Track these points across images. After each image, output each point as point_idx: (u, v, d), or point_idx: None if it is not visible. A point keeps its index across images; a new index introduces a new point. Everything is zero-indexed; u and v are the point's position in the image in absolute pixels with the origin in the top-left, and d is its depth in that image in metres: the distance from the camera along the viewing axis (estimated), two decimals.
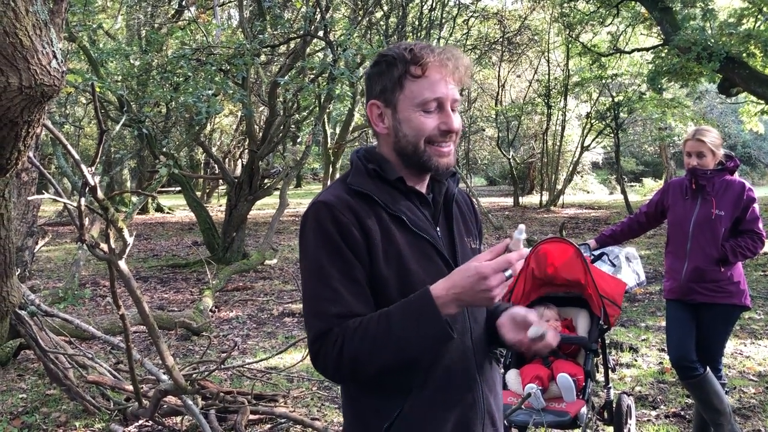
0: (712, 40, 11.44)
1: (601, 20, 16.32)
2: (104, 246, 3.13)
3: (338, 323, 1.46)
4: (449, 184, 1.70)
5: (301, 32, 10.40)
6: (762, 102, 14.08)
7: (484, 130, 26.77)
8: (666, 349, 4.06)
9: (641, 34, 18.80)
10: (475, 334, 1.63)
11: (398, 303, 1.46)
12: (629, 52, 16.91)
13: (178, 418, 4.16)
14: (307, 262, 1.53)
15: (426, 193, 1.66)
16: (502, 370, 3.60)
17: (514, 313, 1.62)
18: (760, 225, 3.59)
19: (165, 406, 4.00)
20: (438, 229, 1.63)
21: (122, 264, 3.10)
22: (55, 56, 2.44)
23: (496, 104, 23.34)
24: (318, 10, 9.84)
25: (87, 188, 2.93)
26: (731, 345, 5.64)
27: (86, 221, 3.11)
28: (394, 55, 1.57)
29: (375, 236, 1.52)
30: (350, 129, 17.18)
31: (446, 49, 1.59)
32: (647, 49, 15.47)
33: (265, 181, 11.36)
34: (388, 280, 1.52)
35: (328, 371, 1.49)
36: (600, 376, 3.84)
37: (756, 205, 3.60)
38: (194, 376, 4.12)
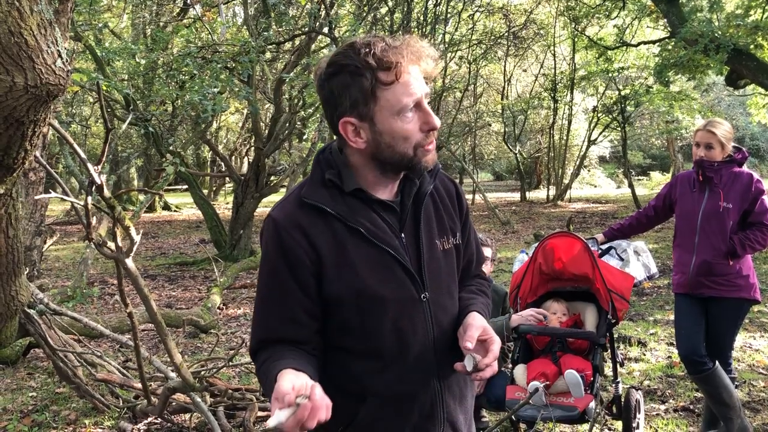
0: (719, 32, 11.35)
1: (607, 13, 16.23)
2: (112, 245, 3.14)
3: (262, 347, 1.53)
4: (423, 180, 1.59)
5: (306, 29, 10.39)
6: None
7: (490, 125, 26.66)
8: (675, 343, 4.04)
9: (647, 26, 18.67)
10: (438, 340, 1.58)
11: (275, 364, 1.43)
12: (636, 45, 16.80)
13: (187, 416, 4.17)
14: (258, 283, 1.59)
15: (395, 195, 1.58)
16: (510, 365, 3.60)
17: (464, 323, 1.59)
18: None
19: (174, 403, 4.02)
20: (403, 235, 1.55)
21: (130, 262, 3.11)
22: (60, 55, 2.45)
23: (502, 99, 23.27)
24: (323, 6, 9.83)
25: (94, 187, 2.94)
26: (740, 338, 5.61)
27: (93, 220, 3.11)
28: (357, 63, 1.41)
29: (325, 254, 1.48)
30: None
31: (408, 41, 1.45)
32: (654, 42, 15.39)
33: (272, 178, 11.37)
34: (341, 298, 1.49)
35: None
36: (608, 371, 3.83)
37: (765, 197, 3.55)
38: (202, 373, 4.14)
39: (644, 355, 5.43)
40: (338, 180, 1.51)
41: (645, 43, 16.30)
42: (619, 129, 19.63)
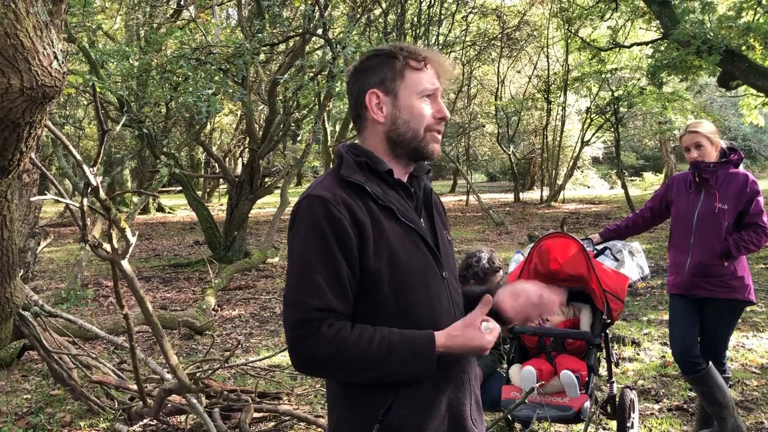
0: (712, 34, 11.40)
1: (600, 15, 16.27)
2: (107, 246, 3.14)
3: (318, 316, 1.52)
4: (425, 180, 1.77)
5: (300, 30, 10.39)
6: (762, 95, 14.05)
7: (484, 126, 26.72)
8: (669, 343, 4.05)
9: (640, 28, 18.73)
10: (457, 317, 1.69)
11: (400, 335, 1.55)
12: (628, 47, 16.86)
13: (183, 417, 4.16)
14: (295, 254, 1.59)
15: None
16: (506, 365, 3.61)
17: (513, 289, 1.75)
18: (765, 218, 3.55)
19: (169, 405, 4.01)
20: (421, 220, 1.70)
21: (125, 264, 3.11)
22: (55, 57, 2.45)
23: (495, 100, 23.32)
24: (317, 8, 9.83)
25: (89, 189, 2.94)
26: (733, 338, 5.63)
27: (88, 222, 3.11)
28: (392, 49, 1.67)
29: (367, 230, 1.56)
30: (350, 127, 17.17)
31: (437, 53, 1.74)
32: (647, 43, 15.43)
33: (266, 179, 11.36)
34: (379, 273, 1.57)
35: (310, 360, 1.53)
36: (603, 371, 3.84)
37: (760, 198, 3.57)
38: (198, 374, 4.14)
39: (638, 354, 5.45)
40: (371, 163, 1.65)
41: (638, 44, 16.35)
42: (612, 130, 19.69)
